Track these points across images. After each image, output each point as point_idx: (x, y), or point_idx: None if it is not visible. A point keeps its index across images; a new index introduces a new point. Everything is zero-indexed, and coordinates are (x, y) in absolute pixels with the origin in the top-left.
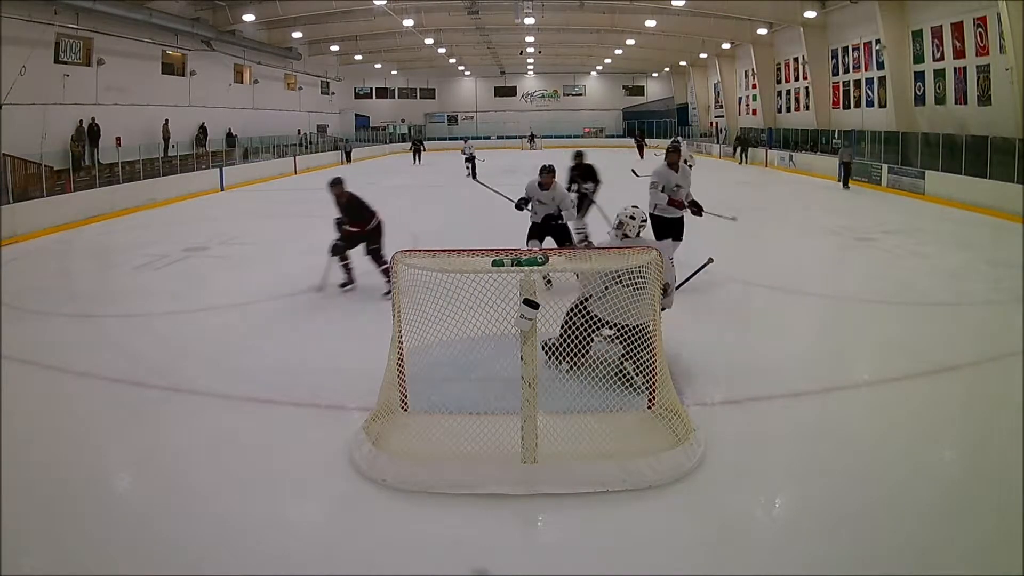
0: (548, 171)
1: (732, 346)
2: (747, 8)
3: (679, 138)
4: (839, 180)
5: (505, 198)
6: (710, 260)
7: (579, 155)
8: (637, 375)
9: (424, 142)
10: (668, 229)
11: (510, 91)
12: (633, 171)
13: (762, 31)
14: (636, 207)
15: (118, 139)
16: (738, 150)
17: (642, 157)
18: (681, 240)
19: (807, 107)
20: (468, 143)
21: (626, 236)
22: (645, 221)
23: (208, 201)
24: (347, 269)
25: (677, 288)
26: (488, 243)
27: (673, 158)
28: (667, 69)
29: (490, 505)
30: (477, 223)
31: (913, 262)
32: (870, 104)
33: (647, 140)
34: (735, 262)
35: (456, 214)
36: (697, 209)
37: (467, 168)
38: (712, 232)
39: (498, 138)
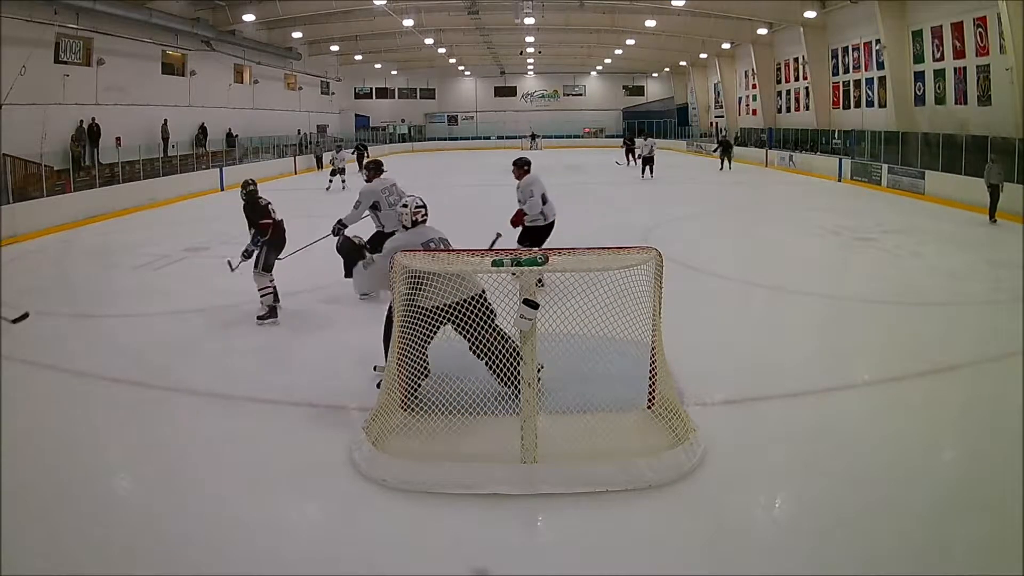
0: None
1: (732, 346)
2: (747, 8)
3: (639, 139)
4: (986, 209)
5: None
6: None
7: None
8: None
9: (368, 147)
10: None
11: (510, 91)
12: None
13: (762, 31)
14: (412, 196)
15: (118, 139)
16: (719, 153)
17: (628, 163)
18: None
19: (807, 107)
20: (340, 152)
21: (405, 227)
22: (420, 207)
23: (208, 201)
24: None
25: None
26: (484, 243)
27: (515, 173)
28: (667, 69)
29: (490, 505)
30: (475, 222)
31: (913, 262)
32: (870, 104)
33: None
34: (735, 262)
35: (452, 214)
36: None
37: (329, 181)
38: (713, 232)
39: (498, 138)
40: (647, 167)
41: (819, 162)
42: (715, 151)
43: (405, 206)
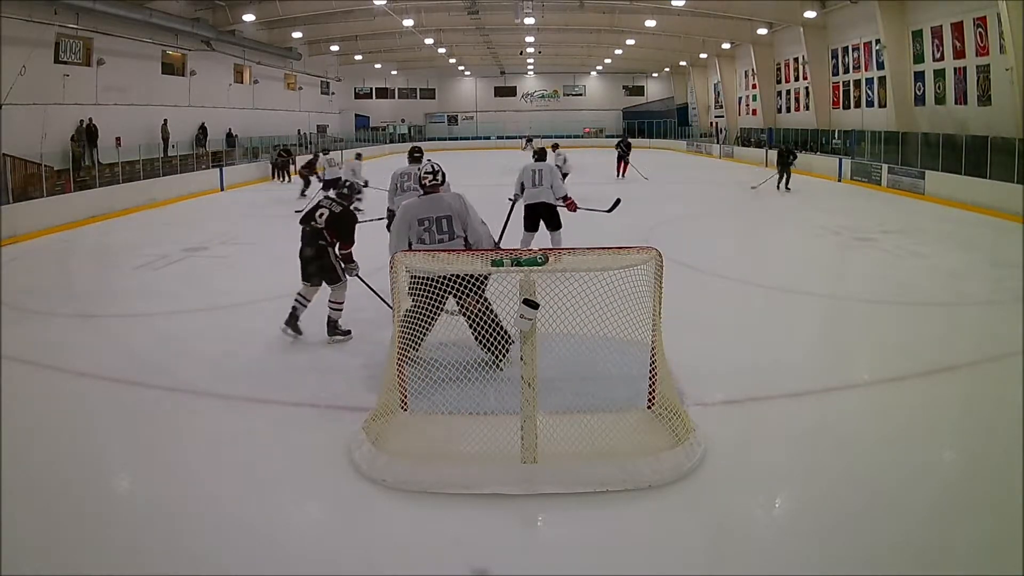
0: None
1: (732, 346)
2: (747, 8)
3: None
4: None
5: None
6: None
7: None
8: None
9: (294, 154)
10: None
11: (510, 91)
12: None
13: (762, 31)
14: (428, 160)
15: (118, 139)
16: (777, 164)
17: (622, 175)
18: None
19: (807, 107)
20: (326, 155)
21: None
22: (428, 173)
23: (208, 201)
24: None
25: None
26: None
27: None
28: (667, 69)
29: (490, 505)
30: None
31: (913, 262)
32: (870, 104)
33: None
34: (735, 262)
35: None
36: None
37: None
38: (713, 232)
39: (498, 138)
40: None
41: (819, 162)
42: (790, 162)
43: (419, 170)
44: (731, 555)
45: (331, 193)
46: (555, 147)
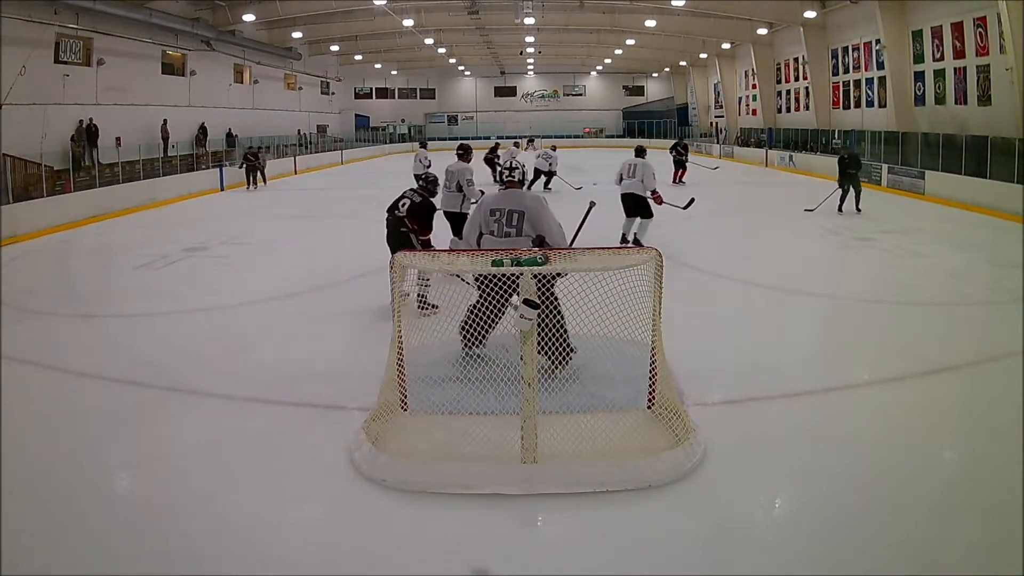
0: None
1: (732, 346)
2: (747, 8)
3: (532, 146)
4: None
5: None
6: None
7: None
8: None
9: (264, 157)
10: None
11: (510, 91)
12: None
13: (762, 31)
14: (512, 158)
15: (118, 139)
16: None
17: (679, 180)
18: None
19: (807, 107)
20: (423, 149)
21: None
22: (505, 169)
23: (208, 201)
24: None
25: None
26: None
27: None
28: (667, 69)
29: (490, 505)
30: None
31: (913, 262)
32: (870, 104)
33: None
34: (735, 262)
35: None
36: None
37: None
38: (714, 232)
39: (498, 138)
40: (543, 182)
41: (819, 162)
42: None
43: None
44: (731, 555)
45: (415, 185)
46: (531, 140)
